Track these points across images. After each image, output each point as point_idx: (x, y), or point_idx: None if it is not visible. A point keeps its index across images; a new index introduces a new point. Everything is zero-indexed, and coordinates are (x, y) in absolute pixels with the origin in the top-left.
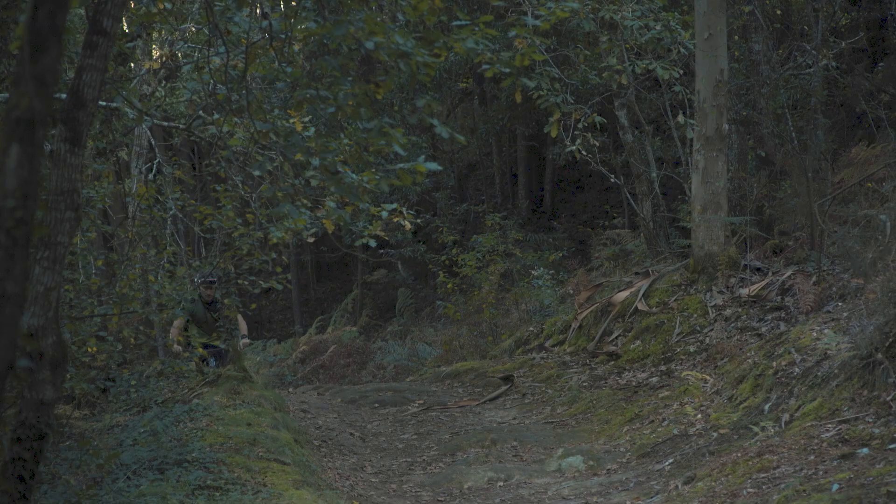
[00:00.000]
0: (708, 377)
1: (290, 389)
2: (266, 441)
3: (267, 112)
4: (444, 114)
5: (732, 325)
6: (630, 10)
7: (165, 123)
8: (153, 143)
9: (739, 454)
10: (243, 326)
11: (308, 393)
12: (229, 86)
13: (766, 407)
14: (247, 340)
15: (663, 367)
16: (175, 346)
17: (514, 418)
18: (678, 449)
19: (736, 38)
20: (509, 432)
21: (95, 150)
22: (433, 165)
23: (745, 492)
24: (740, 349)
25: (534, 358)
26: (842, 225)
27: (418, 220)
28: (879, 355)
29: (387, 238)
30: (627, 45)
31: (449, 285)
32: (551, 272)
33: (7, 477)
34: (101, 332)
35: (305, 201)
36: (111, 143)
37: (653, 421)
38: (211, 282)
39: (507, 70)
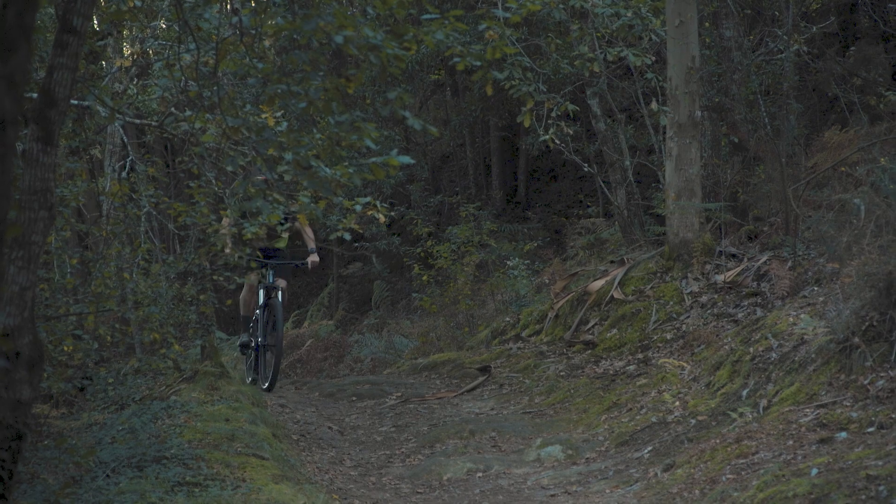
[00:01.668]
0: (685, 364)
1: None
2: (244, 436)
3: (239, 108)
4: (417, 106)
5: (709, 311)
6: None
7: (138, 121)
8: (126, 140)
9: (718, 440)
10: (311, 238)
11: (286, 387)
12: (200, 82)
13: (744, 393)
14: (315, 258)
15: (640, 355)
16: (227, 249)
17: (492, 409)
18: (657, 436)
19: (707, 24)
20: (487, 423)
21: (68, 148)
22: (405, 159)
23: (724, 478)
24: (717, 336)
25: (510, 348)
26: (816, 209)
27: (392, 213)
28: (856, 339)
29: (361, 231)
30: (598, 34)
31: (424, 277)
32: (526, 262)
33: None
34: (78, 330)
35: (279, 196)
36: (84, 142)
37: (631, 409)
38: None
39: (478, 63)
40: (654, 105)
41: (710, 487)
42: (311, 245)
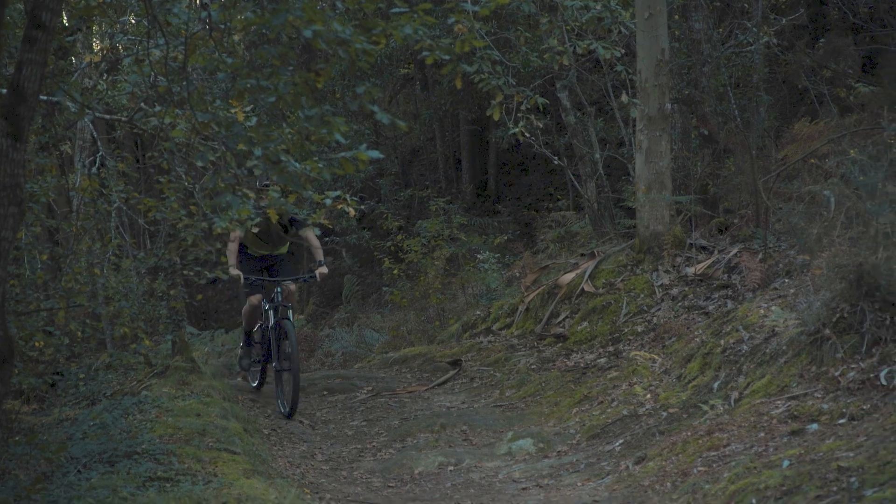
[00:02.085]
0: (656, 357)
1: (239, 379)
2: (216, 431)
3: (208, 103)
4: (386, 100)
5: (679, 304)
6: None
7: (108, 116)
8: (96, 136)
9: (689, 433)
10: (318, 248)
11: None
12: (170, 77)
13: (715, 385)
14: (324, 269)
15: (611, 348)
16: (233, 269)
17: (463, 402)
18: (628, 429)
19: (676, 17)
20: (458, 417)
21: (38, 144)
22: (375, 153)
23: (695, 470)
24: (688, 328)
25: (481, 342)
26: (786, 201)
27: (362, 207)
28: (827, 331)
29: (331, 226)
30: (568, 27)
31: (395, 271)
32: (497, 256)
33: None
34: (48, 326)
35: (248, 191)
36: (54, 138)
37: (602, 402)
38: (265, 185)
39: (448, 57)
40: (623, 98)
41: (681, 480)
42: (319, 256)
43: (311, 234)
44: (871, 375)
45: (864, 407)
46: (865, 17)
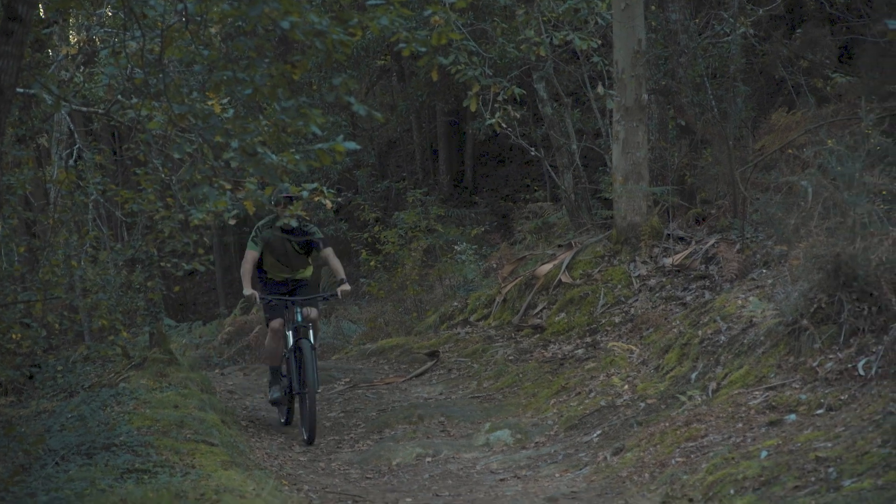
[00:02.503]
0: (634, 348)
1: (217, 370)
2: (193, 423)
3: (185, 95)
4: (363, 91)
5: (657, 294)
6: None
7: (84, 109)
8: (73, 128)
9: (667, 424)
10: (339, 268)
11: (234, 374)
12: (147, 70)
13: (693, 376)
14: (346, 287)
15: (589, 339)
16: (247, 289)
17: (441, 394)
18: (606, 420)
19: (653, 7)
20: (436, 408)
21: (15, 137)
22: (351, 145)
23: (673, 461)
24: (665, 319)
25: (459, 333)
26: (764, 192)
27: (339, 199)
28: (805, 321)
29: (308, 218)
30: (544, 18)
31: (372, 263)
32: (474, 247)
33: None
34: (26, 318)
35: (225, 183)
36: (31, 130)
37: (580, 393)
38: (289, 198)
39: (424, 49)
40: (600, 89)
41: (659, 471)
42: (341, 275)
43: (331, 254)
44: (849, 366)
45: (842, 397)
46: (842, 7)
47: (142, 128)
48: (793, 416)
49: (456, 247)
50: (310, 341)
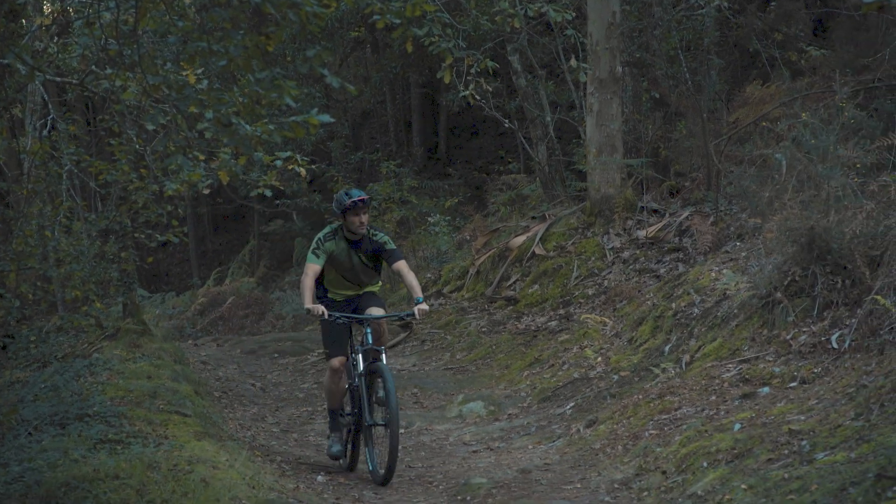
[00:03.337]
0: (607, 320)
1: (190, 341)
2: (167, 393)
3: (159, 66)
4: (337, 63)
5: (631, 267)
6: None
7: (59, 79)
8: (47, 99)
9: (641, 396)
10: (415, 284)
11: (208, 345)
12: (121, 40)
13: (667, 348)
14: (425, 307)
15: (562, 311)
16: (308, 302)
17: (414, 365)
18: (579, 392)
19: None
20: (409, 379)
21: None
22: (325, 118)
23: (647, 433)
24: (639, 291)
25: (432, 304)
26: (738, 165)
27: (313, 168)
28: (778, 294)
29: (282, 188)
30: None
31: None
32: (448, 218)
33: None
34: None
35: (199, 154)
36: (4, 101)
37: (553, 365)
38: (358, 203)
39: (398, 20)
40: (573, 62)
41: (632, 443)
42: (418, 292)
43: (405, 268)
44: (823, 339)
45: (816, 370)
46: None
47: (116, 98)
48: (766, 389)
49: (429, 218)
50: (384, 362)
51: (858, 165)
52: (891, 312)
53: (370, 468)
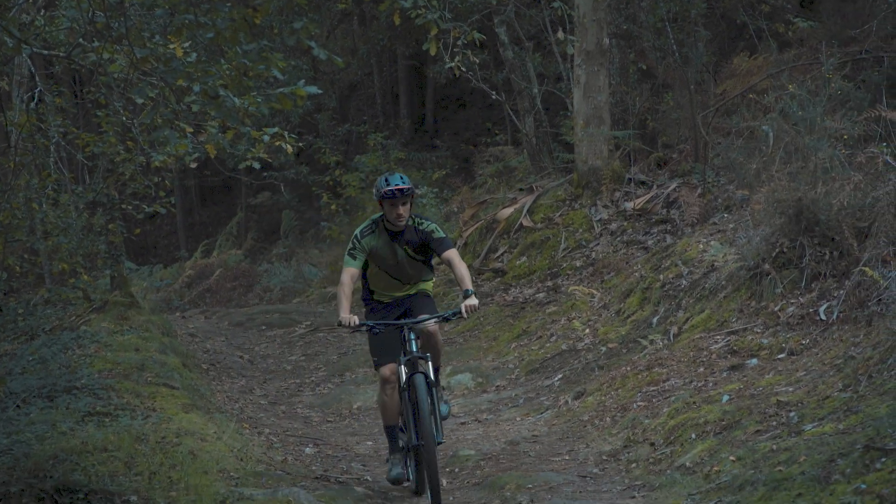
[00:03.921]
0: (595, 292)
1: (178, 314)
2: (154, 366)
3: (146, 39)
4: (324, 36)
5: (618, 238)
6: None
7: (46, 52)
8: (34, 71)
9: (629, 368)
10: (465, 276)
11: (195, 317)
12: (108, 13)
13: (655, 320)
14: (474, 301)
15: (550, 283)
16: (343, 313)
17: None
18: (567, 364)
19: None
20: None
21: None
22: (312, 89)
23: (635, 405)
24: (627, 263)
25: None
26: (725, 136)
27: (300, 143)
28: (766, 266)
29: (269, 161)
30: None
31: (333, 206)
32: (435, 190)
33: None
34: None
35: (186, 126)
36: None
37: (541, 337)
38: (395, 193)
39: None
40: (560, 34)
41: (621, 415)
42: (467, 284)
43: (455, 257)
44: (811, 310)
45: (804, 342)
46: None
47: (103, 71)
48: (754, 361)
49: (417, 190)
50: (427, 375)
51: (846, 137)
52: (878, 284)
53: (413, 485)
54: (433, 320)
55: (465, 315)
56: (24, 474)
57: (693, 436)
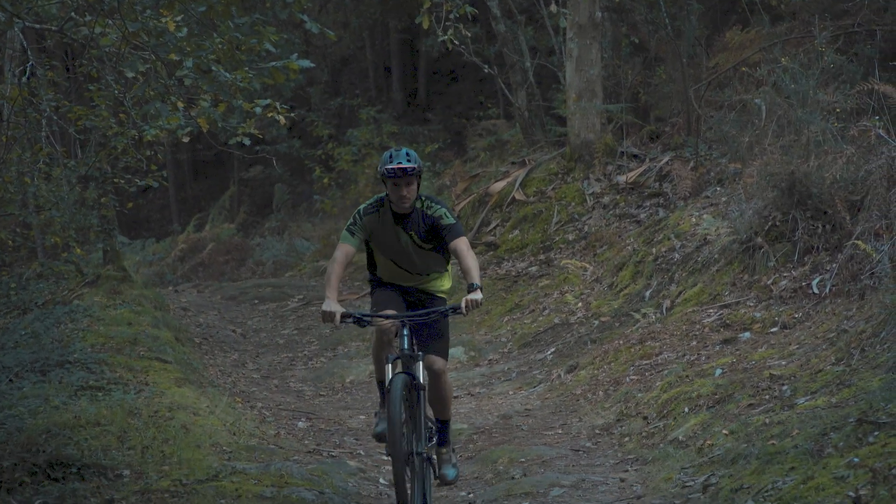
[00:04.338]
0: (587, 265)
1: (171, 288)
2: (147, 340)
3: (138, 12)
4: (316, 10)
5: (611, 212)
6: None
7: (38, 26)
8: (26, 45)
9: (621, 342)
10: (473, 268)
11: (188, 291)
12: None
13: (647, 294)
14: (478, 296)
15: (542, 256)
16: (329, 301)
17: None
18: (560, 338)
19: None
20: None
21: None
22: (305, 63)
23: (627, 379)
24: (619, 236)
25: None
26: (718, 110)
27: (292, 115)
28: (759, 239)
29: (261, 135)
30: None
31: (325, 180)
32: (427, 164)
33: None
34: None
35: (178, 100)
36: None
37: (533, 310)
38: (397, 172)
39: None
40: (553, 7)
41: (613, 388)
42: (473, 278)
43: (464, 247)
44: (803, 284)
45: (797, 315)
46: None
47: (95, 45)
48: (747, 335)
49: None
50: (415, 377)
51: (838, 110)
52: (871, 257)
53: None
54: (429, 315)
55: (464, 311)
56: (16, 448)
57: (686, 409)
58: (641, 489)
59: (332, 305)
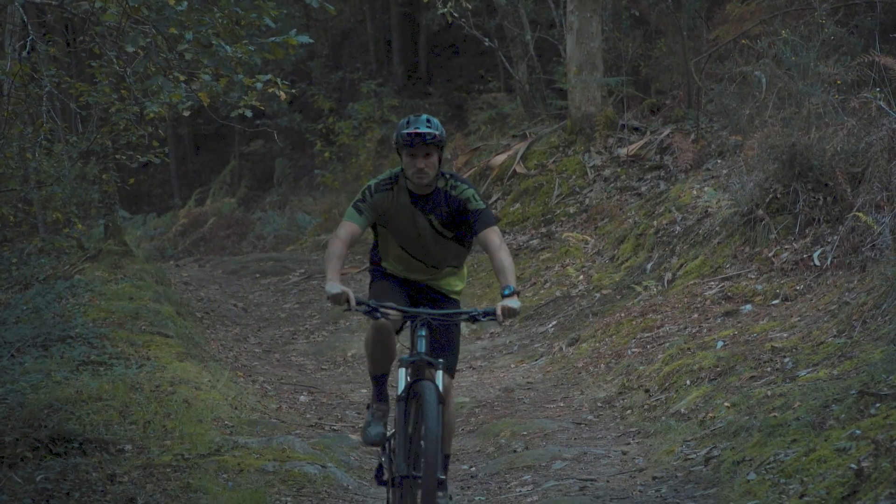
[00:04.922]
0: (589, 238)
1: (172, 262)
2: (148, 315)
3: None
4: None
5: (612, 185)
6: None
7: (38, 1)
8: (26, 20)
9: (623, 314)
10: (508, 267)
11: (189, 265)
12: None
13: (648, 266)
14: (514, 304)
15: (544, 230)
16: (331, 282)
17: None
18: (561, 311)
19: None
20: None
21: None
22: (304, 38)
23: (629, 352)
24: (620, 209)
25: None
26: (718, 82)
27: (293, 90)
28: (760, 211)
29: (262, 108)
30: None
31: (326, 154)
32: None
33: None
34: None
35: (180, 75)
36: None
37: (535, 283)
38: (413, 139)
39: None
40: None
41: (615, 361)
42: (510, 279)
43: (496, 238)
44: (805, 256)
45: (798, 287)
46: None
47: (96, 20)
48: (748, 307)
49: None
50: (436, 386)
51: (839, 82)
52: (872, 229)
53: None
54: (455, 316)
55: (500, 318)
56: (18, 423)
57: (688, 382)
58: (643, 462)
59: (339, 287)
